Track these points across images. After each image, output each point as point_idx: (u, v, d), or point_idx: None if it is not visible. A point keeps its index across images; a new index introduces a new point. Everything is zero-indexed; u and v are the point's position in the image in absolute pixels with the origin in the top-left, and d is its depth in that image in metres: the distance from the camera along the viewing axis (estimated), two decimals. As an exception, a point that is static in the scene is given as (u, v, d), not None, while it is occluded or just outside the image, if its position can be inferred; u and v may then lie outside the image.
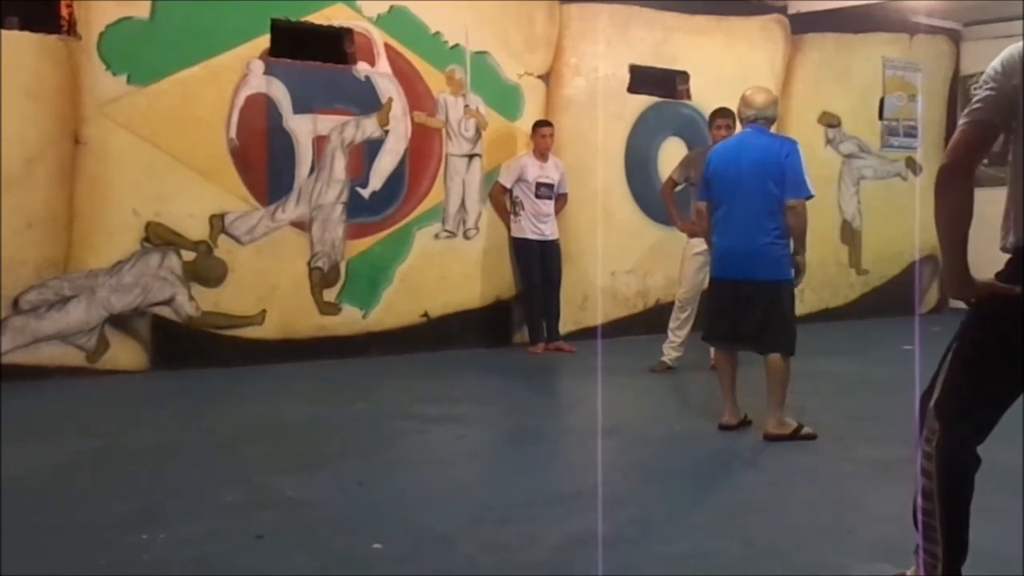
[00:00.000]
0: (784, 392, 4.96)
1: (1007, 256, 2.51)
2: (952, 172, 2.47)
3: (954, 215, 2.48)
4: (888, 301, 10.30)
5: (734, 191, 4.98)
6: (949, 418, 2.52)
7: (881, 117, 10.51)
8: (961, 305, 2.63)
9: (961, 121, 2.49)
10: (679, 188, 7.17)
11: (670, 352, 7.04)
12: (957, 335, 2.58)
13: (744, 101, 5.07)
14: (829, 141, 10.15)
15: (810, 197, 4.94)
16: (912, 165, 10.76)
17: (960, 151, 2.47)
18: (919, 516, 2.58)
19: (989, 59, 2.51)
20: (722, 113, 6.84)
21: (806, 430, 4.97)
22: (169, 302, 6.72)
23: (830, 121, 10.12)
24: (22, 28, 6.23)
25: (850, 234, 10.43)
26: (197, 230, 6.79)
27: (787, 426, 4.96)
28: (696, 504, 3.92)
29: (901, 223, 10.36)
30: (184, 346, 6.73)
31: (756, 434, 5.03)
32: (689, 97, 9.12)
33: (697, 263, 6.88)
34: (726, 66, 9.15)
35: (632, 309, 8.85)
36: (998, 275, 2.51)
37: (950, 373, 2.56)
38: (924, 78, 10.76)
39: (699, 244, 6.81)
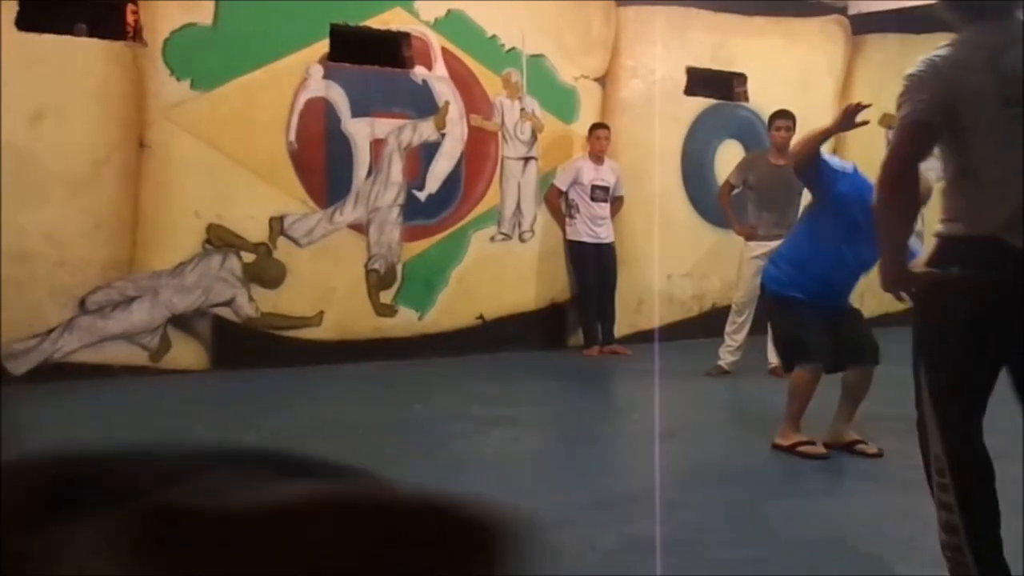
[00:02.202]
0: (795, 405, 4.71)
1: None
2: (901, 171, 2.55)
3: (905, 211, 2.62)
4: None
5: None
6: (949, 424, 2.55)
7: (944, 118, 10.31)
8: None
9: (900, 122, 2.55)
10: (736, 191, 7.11)
11: (726, 356, 6.97)
12: (916, 347, 2.67)
13: None
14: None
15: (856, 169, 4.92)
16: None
17: (907, 151, 2.55)
18: (947, 554, 2.54)
19: None
20: (781, 115, 6.77)
21: (808, 448, 4.67)
22: (229, 303, 6.83)
23: (892, 123, 9.92)
24: (90, 35, 6.39)
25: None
26: (257, 232, 6.89)
27: (788, 438, 4.74)
28: (752, 510, 3.89)
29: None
30: (243, 346, 6.83)
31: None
32: (747, 99, 9.03)
33: (754, 267, 6.79)
34: (785, 68, 9.05)
35: (688, 312, 8.78)
36: (928, 263, 2.62)
37: (929, 384, 2.61)
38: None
39: (756, 248, 6.75)
